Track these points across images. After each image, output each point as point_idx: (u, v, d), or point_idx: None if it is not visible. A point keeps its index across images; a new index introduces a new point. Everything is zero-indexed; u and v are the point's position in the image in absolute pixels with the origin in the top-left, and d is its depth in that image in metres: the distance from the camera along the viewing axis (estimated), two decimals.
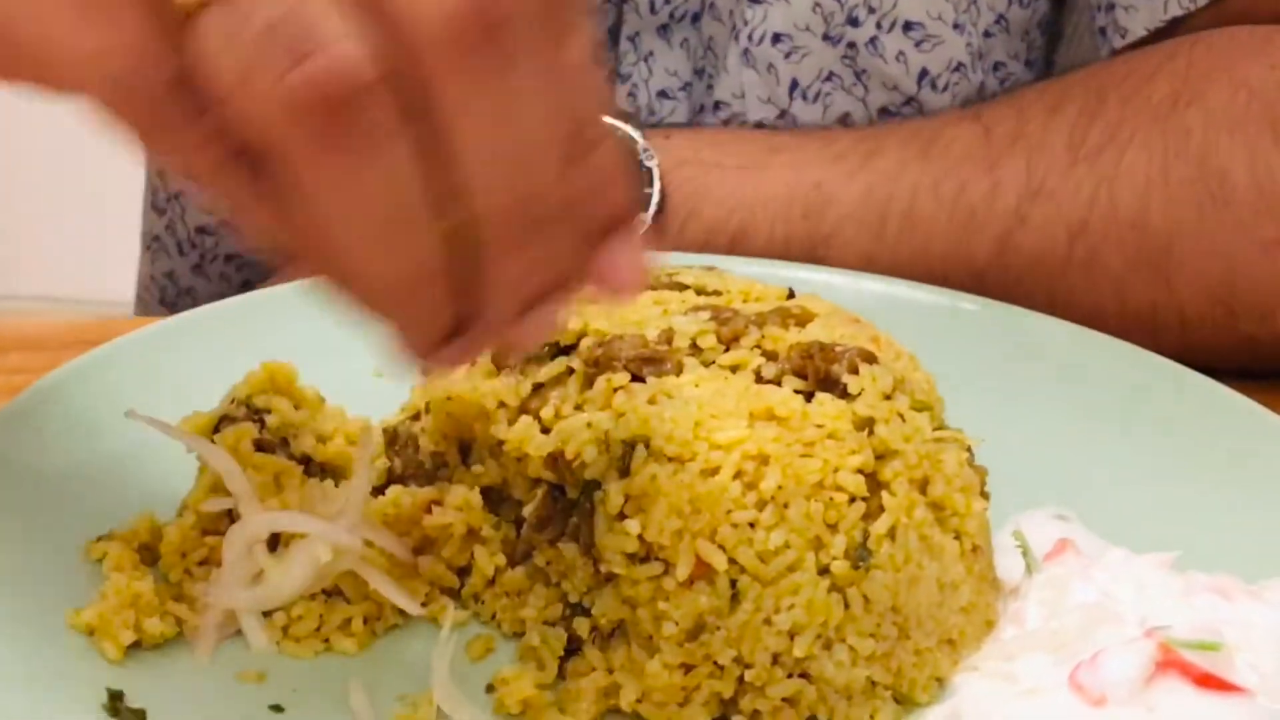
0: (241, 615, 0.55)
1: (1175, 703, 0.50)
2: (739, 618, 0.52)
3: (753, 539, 0.52)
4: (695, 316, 0.59)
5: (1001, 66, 0.82)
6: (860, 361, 0.56)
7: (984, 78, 0.81)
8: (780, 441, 0.53)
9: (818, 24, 0.80)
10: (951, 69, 0.80)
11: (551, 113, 0.42)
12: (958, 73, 0.80)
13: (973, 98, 0.81)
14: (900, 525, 0.53)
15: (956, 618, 0.55)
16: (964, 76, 0.80)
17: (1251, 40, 0.73)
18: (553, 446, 0.55)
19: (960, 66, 0.80)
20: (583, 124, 0.43)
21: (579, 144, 0.43)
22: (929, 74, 0.80)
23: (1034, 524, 0.59)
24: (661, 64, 0.85)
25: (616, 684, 0.53)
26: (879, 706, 0.53)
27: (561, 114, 0.42)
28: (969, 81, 0.80)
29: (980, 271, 0.74)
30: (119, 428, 0.59)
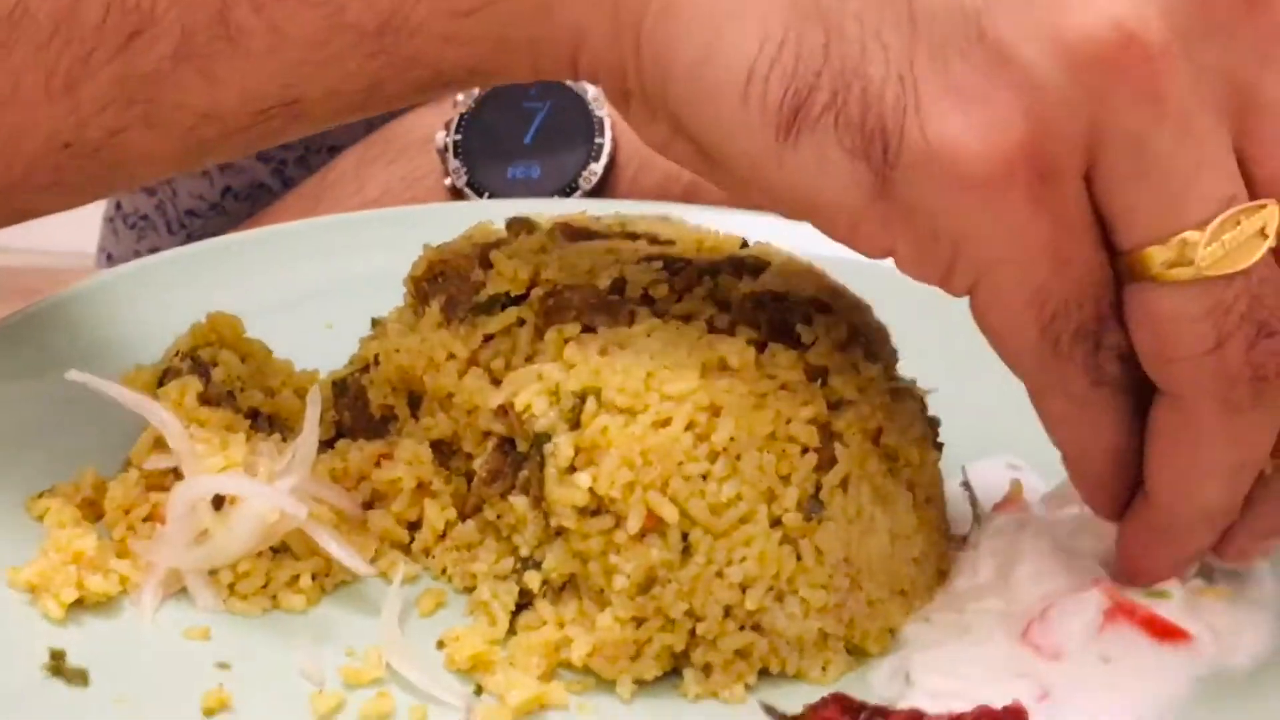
0: (186, 574, 0.54)
1: (1129, 651, 0.50)
2: (690, 570, 0.51)
3: (704, 491, 0.51)
4: (648, 266, 0.58)
5: None
6: (814, 311, 0.55)
7: None
8: (733, 393, 0.52)
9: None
10: None
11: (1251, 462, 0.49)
12: None
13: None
14: (853, 476, 0.53)
15: (909, 568, 0.55)
16: None
17: None
18: (503, 398, 0.55)
19: None
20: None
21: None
22: None
23: (985, 473, 0.59)
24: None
25: (568, 638, 0.52)
26: (831, 658, 0.53)
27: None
28: None
29: None
30: (62, 382, 0.58)
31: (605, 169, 0.81)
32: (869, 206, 0.46)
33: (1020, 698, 0.48)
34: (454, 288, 0.59)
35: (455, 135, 0.84)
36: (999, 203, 0.44)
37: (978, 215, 0.44)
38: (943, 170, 0.44)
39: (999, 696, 0.48)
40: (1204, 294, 0.45)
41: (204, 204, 0.98)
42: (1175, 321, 0.45)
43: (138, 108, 0.52)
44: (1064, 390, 0.48)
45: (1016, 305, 0.46)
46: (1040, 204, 0.44)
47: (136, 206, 1.01)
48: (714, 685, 0.52)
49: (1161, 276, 0.45)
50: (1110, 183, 0.45)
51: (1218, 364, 0.46)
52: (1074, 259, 0.46)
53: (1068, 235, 0.45)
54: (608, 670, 0.52)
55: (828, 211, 0.46)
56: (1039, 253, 0.45)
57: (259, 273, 0.72)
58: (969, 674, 0.50)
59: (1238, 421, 0.47)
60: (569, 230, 0.61)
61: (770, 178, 0.46)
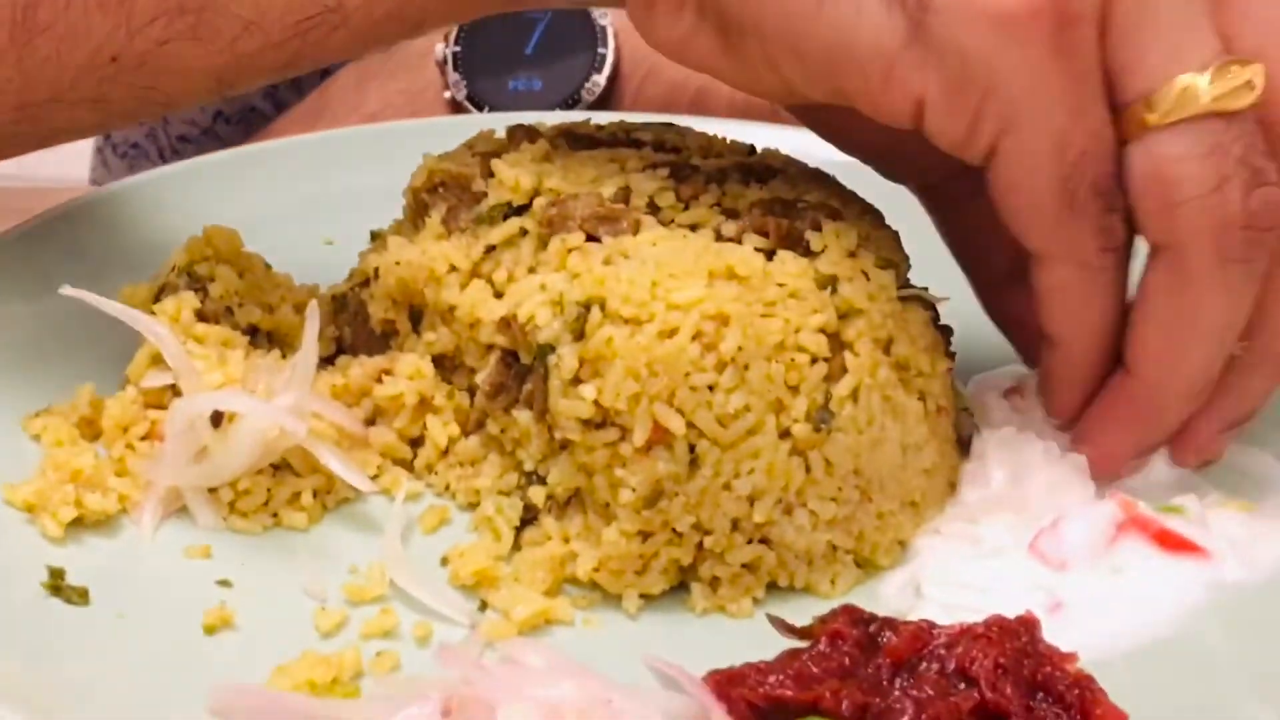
0: (186, 492, 0.53)
1: (1139, 563, 0.49)
2: (698, 483, 0.50)
3: (712, 402, 0.50)
4: (653, 174, 0.56)
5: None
6: (823, 218, 0.54)
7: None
8: (740, 301, 0.51)
9: None
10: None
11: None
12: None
13: None
14: (863, 386, 0.52)
15: (919, 480, 0.54)
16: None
17: None
18: (505, 310, 0.53)
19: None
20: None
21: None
22: None
23: (996, 382, 0.58)
24: None
25: (573, 553, 0.52)
26: (840, 570, 0.52)
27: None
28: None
29: None
30: (57, 299, 0.57)
31: (609, 80, 0.79)
32: (904, 50, 0.48)
33: (1032, 609, 0.47)
34: (455, 198, 0.58)
35: (454, 47, 0.83)
36: (1027, 42, 0.47)
37: (1006, 54, 0.47)
38: (975, 9, 0.47)
39: (1011, 608, 0.47)
40: (1206, 133, 0.48)
41: (195, 129, 0.96)
42: (1179, 162, 0.48)
43: (189, 17, 0.53)
44: (1074, 254, 0.50)
45: (1040, 152, 0.48)
46: (1062, 49, 0.47)
47: (126, 135, 0.99)
48: (721, 599, 0.51)
49: (1165, 119, 0.48)
50: (1121, 32, 0.48)
51: (1218, 203, 0.48)
52: (1090, 109, 0.48)
53: (1085, 83, 0.48)
54: (613, 585, 0.51)
55: (864, 58, 0.48)
56: (1061, 96, 0.48)
57: (257, 188, 0.70)
58: (980, 586, 0.50)
59: (1229, 273, 0.49)
60: (572, 137, 0.60)
61: (807, 30, 0.48)
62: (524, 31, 0.82)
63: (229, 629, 0.49)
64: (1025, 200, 0.49)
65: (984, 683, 0.44)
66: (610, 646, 0.49)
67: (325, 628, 0.50)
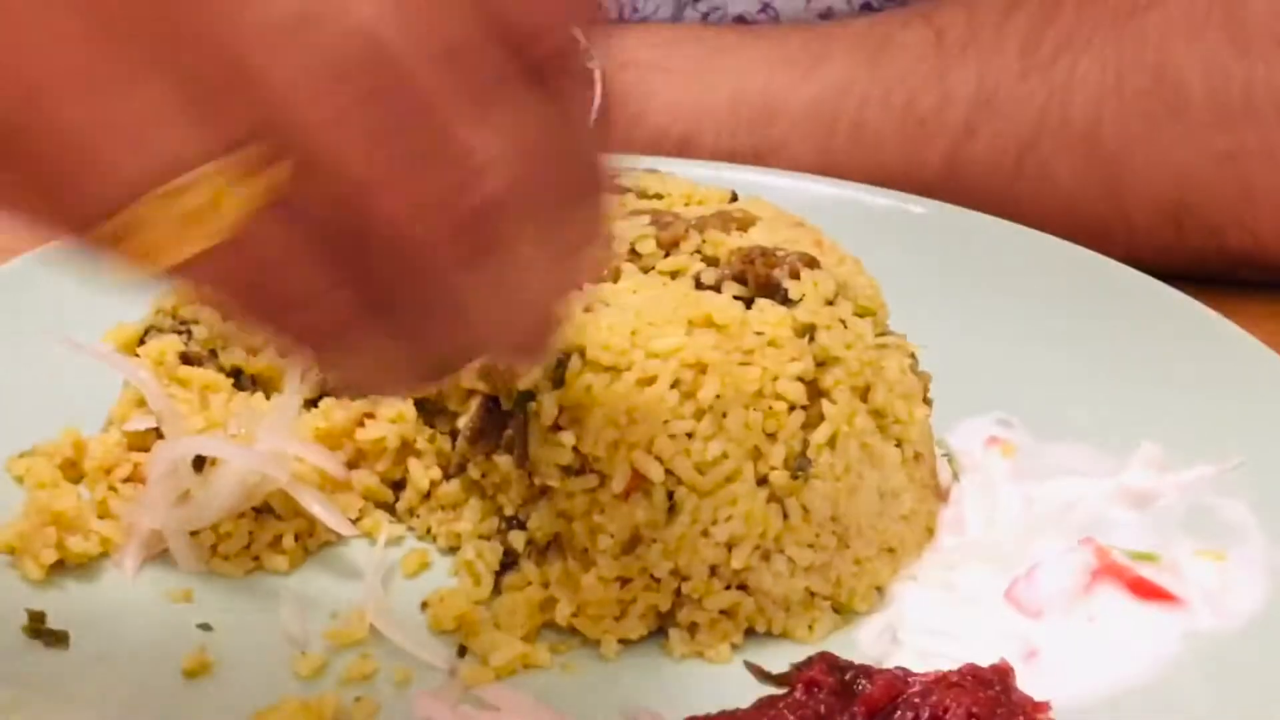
0: (168, 535, 0.53)
1: (1114, 611, 0.50)
2: (676, 530, 0.51)
3: (690, 449, 0.51)
4: (635, 221, 0.57)
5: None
6: (802, 266, 0.54)
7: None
8: (719, 349, 0.51)
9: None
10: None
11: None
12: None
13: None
14: (840, 433, 0.52)
15: (897, 526, 0.54)
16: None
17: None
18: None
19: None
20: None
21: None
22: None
23: (976, 429, 0.58)
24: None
25: (552, 598, 0.52)
26: (818, 617, 0.52)
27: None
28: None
29: (929, 184, 0.72)
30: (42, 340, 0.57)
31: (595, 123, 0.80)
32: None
33: (1007, 656, 0.48)
34: None
35: None
36: None
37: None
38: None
39: (986, 655, 0.48)
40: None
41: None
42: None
43: None
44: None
45: None
46: None
47: None
48: (699, 644, 0.52)
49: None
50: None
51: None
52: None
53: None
54: (592, 630, 0.52)
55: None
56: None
57: None
58: (956, 633, 0.50)
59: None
60: None
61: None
62: None
63: (209, 674, 0.49)
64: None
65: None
66: (588, 691, 0.50)
67: (305, 672, 0.50)
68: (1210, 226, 0.71)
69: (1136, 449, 0.57)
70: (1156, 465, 0.56)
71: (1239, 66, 0.69)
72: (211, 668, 0.49)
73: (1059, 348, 0.64)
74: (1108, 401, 0.61)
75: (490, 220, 0.37)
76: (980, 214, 0.70)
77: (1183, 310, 0.64)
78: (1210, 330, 0.63)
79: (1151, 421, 0.59)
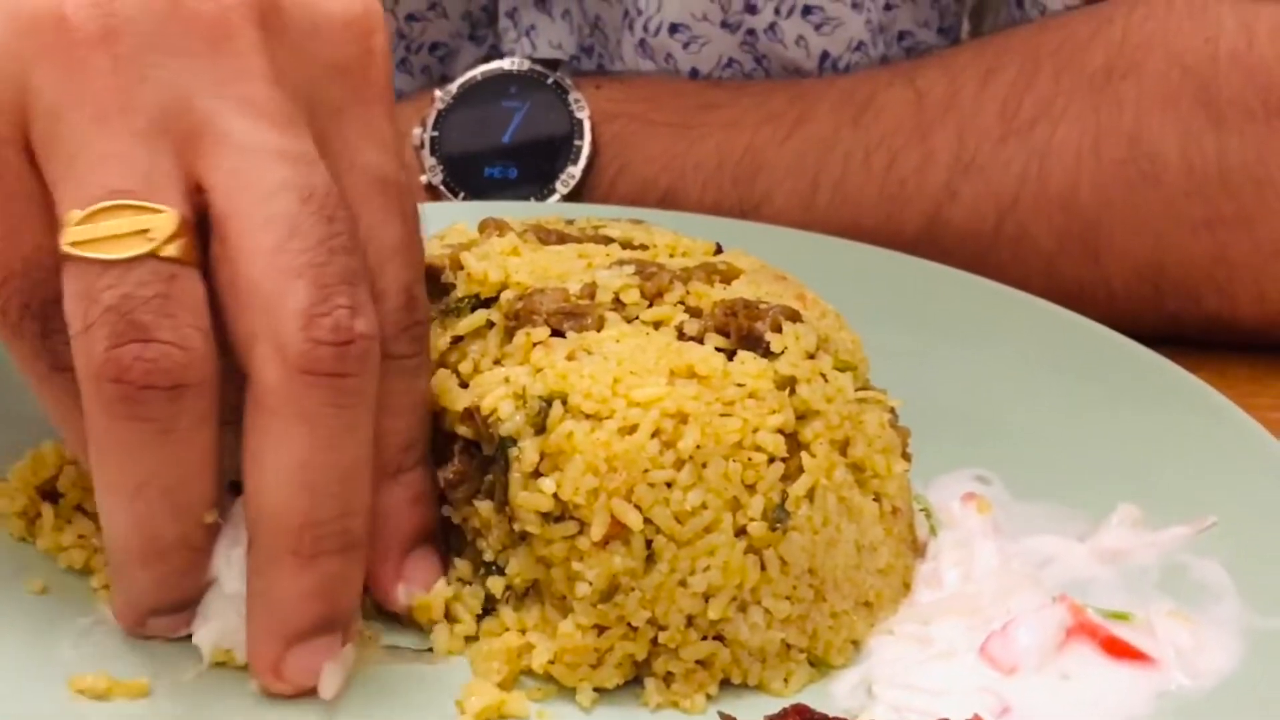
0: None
1: (1087, 669, 0.50)
2: (654, 578, 0.51)
3: (669, 499, 0.51)
4: (619, 270, 0.58)
5: (908, 35, 0.81)
6: (784, 320, 0.55)
7: (886, 50, 0.80)
8: (700, 400, 0.52)
9: (715, 12, 0.79)
10: (852, 49, 0.79)
11: (367, 441, 0.48)
12: (859, 51, 0.79)
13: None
14: (819, 486, 0.53)
15: (874, 580, 0.54)
16: (864, 54, 0.79)
17: (1188, 9, 0.72)
18: (469, 401, 0.54)
19: (861, 45, 0.79)
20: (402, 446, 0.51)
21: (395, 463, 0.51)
22: (830, 56, 0.79)
23: (954, 486, 0.59)
24: (545, 37, 0.84)
25: (529, 644, 0.52)
26: (793, 669, 0.53)
27: (385, 438, 0.50)
28: (869, 58, 0.79)
29: (910, 245, 0.73)
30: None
31: (584, 172, 0.81)
32: None
33: (980, 712, 0.48)
34: (426, 288, 0.59)
35: (432, 131, 0.84)
36: None
37: None
38: None
39: (960, 711, 0.48)
40: (81, 275, 0.46)
41: None
42: (65, 296, 0.46)
43: None
44: (20, 368, 0.49)
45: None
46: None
47: None
48: (675, 695, 0.52)
49: (65, 251, 0.46)
50: (37, 153, 0.46)
51: (81, 348, 0.46)
52: (22, 230, 0.47)
53: (13, 204, 0.47)
54: (568, 678, 0.52)
55: None
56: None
57: None
58: (930, 687, 0.50)
59: (114, 430, 0.46)
60: (541, 233, 0.61)
61: None
62: (502, 120, 0.83)
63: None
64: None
65: None
66: None
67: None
68: (1187, 291, 0.72)
69: (1113, 509, 0.58)
70: (1132, 525, 0.57)
71: (1212, 138, 0.70)
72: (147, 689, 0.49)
73: (1038, 407, 0.64)
74: (1086, 461, 0.61)
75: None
76: (963, 272, 0.71)
77: (1161, 372, 0.64)
78: (1188, 392, 0.63)
79: (1128, 481, 0.59)
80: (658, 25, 0.80)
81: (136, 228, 0.45)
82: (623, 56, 0.81)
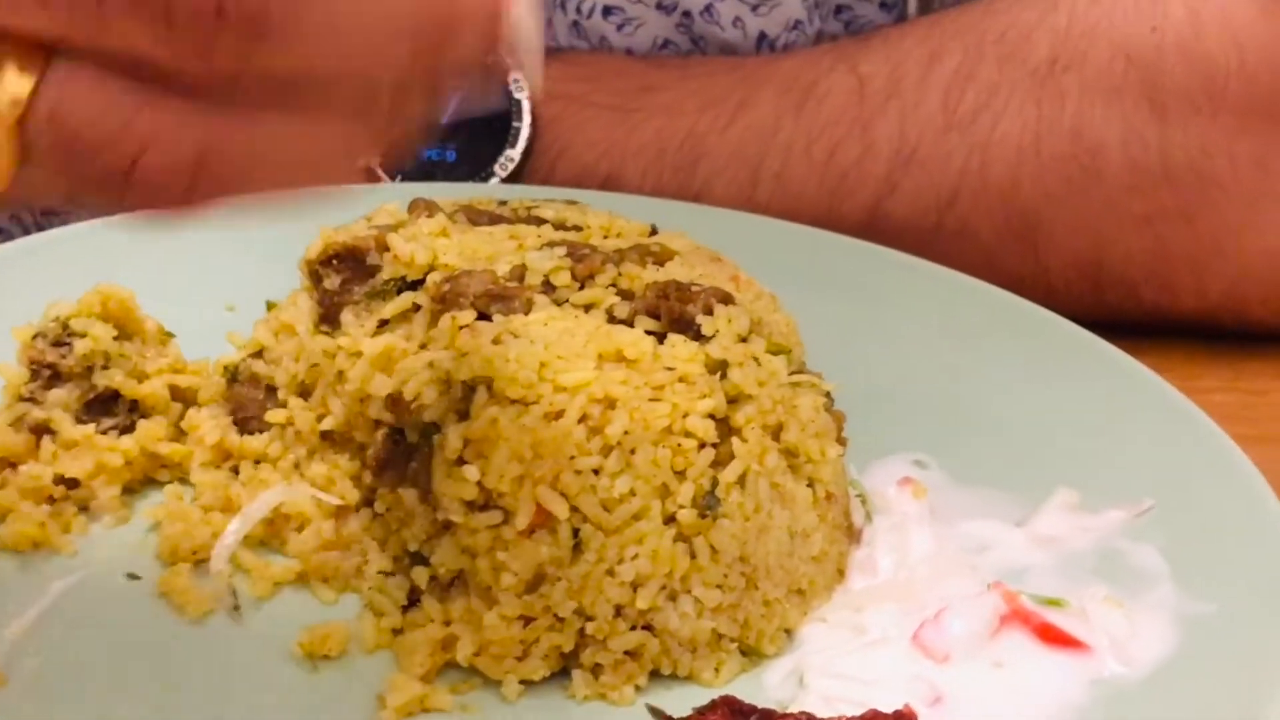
0: None
1: (1020, 657, 0.49)
2: (581, 568, 0.50)
3: (596, 486, 0.50)
4: (551, 252, 0.56)
5: (846, 9, 0.79)
6: (716, 302, 0.54)
7: (822, 24, 0.79)
8: (628, 384, 0.51)
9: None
10: (790, 27, 0.78)
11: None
12: (795, 30, 0.78)
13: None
14: (751, 472, 0.52)
15: (807, 567, 0.54)
16: (802, 32, 0.78)
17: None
18: (393, 387, 0.53)
19: (798, 24, 0.78)
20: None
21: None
22: (767, 37, 0.78)
23: (891, 470, 0.58)
24: None
25: (454, 636, 0.51)
26: (724, 659, 0.52)
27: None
28: (806, 36, 0.78)
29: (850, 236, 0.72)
30: None
31: (523, 155, 0.79)
32: None
33: (912, 701, 0.47)
34: (350, 270, 0.57)
35: None
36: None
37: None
38: None
39: (892, 700, 0.47)
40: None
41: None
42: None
43: None
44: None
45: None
46: None
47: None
48: (603, 686, 0.50)
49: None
50: None
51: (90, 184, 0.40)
52: None
53: None
54: (494, 670, 0.50)
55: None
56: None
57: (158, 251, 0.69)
58: (863, 677, 0.49)
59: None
60: (472, 214, 0.60)
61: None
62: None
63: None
64: None
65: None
66: None
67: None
68: (1127, 285, 0.72)
69: (1051, 493, 0.57)
70: (1070, 509, 0.56)
71: (1156, 131, 0.70)
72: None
73: (977, 391, 0.63)
74: (1024, 445, 0.60)
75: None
76: (904, 254, 0.70)
77: (1101, 356, 0.64)
78: (1127, 375, 0.62)
79: (1067, 465, 0.59)
80: (591, 7, 0.79)
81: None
82: (556, 38, 0.80)
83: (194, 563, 0.54)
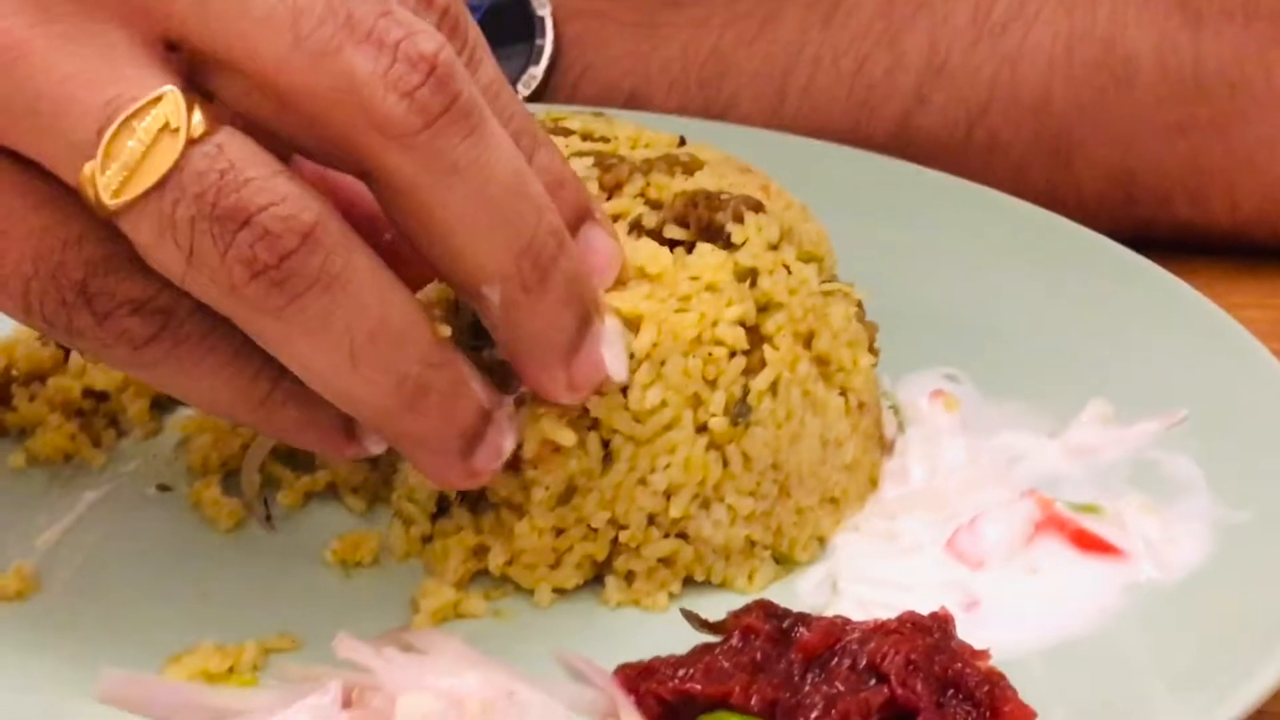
0: None
1: (1055, 563, 0.49)
2: (612, 478, 0.49)
3: (627, 400, 0.49)
4: (578, 163, 0.56)
5: None
6: (746, 210, 0.53)
7: None
8: (653, 299, 0.50)
9: None
10: None
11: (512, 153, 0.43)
12: None
13: None
14: (782, 380, 0.51)
15: (839, 475, 0.53)
16: None
17: None
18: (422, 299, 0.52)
19: None
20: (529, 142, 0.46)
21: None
22: None
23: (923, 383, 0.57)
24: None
25: (484, 545, 0.51)
26: (757, 566, 0.51)
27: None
28: None
29: (878, 151, 0.72)
30: None
31: (546, 73, 0.78)
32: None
33: (948, 606, 0.47)
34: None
35: None
36: None
37: None
38: None
39: (927, 605, 0.47)
40: (143, 218, 0.40)
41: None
42: (146, 251, 0.40)
43: None
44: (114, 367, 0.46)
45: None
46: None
47: None
48: (636, 593, 0.50)
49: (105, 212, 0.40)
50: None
51: (199, 280, 0.40)
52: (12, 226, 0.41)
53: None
54: (526, 579, 0.50)
55: None
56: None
57: None
58: (897, 582, 0.49)
59: (280, 328, 0.41)
60: None
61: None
62: None
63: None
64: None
65: (894, 678, 0.43)
66: (521, 639, 0.49)
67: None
68: (1159, 197, 0.71)
69: (1084, 406, 0.57)
70: (1103, 421, 0.56)
71: (1189, 39, 0.68)
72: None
73: (1009, 303, 0.63)
74: (1056, 358, 0.60)
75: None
76: (935, 171, 0.69)
77: (1132, 268, 0.63)
78: (1160, 287, 0.62)
79: (1100, 377, 0.58)
80: None
81: (153, 131, 0.39)
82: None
83: (224, 474, 0.54)
